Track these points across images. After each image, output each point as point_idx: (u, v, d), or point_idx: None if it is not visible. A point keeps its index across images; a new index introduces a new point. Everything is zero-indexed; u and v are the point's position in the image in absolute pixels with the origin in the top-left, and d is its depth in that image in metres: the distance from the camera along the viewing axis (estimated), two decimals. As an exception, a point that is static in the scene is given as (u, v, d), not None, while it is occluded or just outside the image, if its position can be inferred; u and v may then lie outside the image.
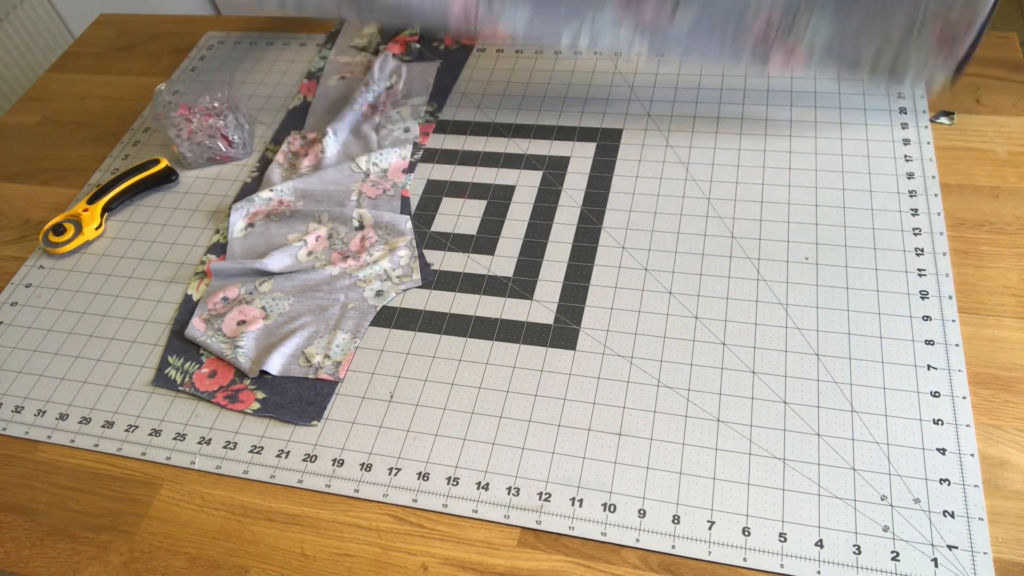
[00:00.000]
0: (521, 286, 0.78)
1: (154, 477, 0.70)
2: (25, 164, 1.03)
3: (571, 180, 0.88)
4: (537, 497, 0.64)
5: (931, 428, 0.63)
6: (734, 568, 0.59)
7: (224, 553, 0.65)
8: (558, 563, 0.61)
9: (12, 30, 1.72)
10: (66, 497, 0.70)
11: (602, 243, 0.81)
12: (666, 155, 0.88)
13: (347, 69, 1.07)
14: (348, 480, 0.67)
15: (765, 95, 0.92)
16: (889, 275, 0.73)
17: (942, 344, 0.68)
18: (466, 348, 0.74)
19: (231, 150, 0.96)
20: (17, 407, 0.76)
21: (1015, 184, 0.79)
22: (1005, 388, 0.65)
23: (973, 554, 0.57)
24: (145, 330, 0.81)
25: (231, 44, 1.16)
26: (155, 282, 0.85)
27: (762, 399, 0.67)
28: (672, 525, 0.61)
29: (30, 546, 0.67)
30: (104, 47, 1.20)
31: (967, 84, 0.89)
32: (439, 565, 0.62)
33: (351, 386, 0.73)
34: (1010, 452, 0.62)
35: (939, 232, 0.76)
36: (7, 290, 0.87)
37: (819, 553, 0.58)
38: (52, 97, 1.13)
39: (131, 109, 1.08)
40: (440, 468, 0.67)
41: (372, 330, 0.77)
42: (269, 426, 0.71)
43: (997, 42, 0.94)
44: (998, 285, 0.72)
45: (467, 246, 0.83)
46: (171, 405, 0.74)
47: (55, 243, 0.89)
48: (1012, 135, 0.84)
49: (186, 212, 0.92)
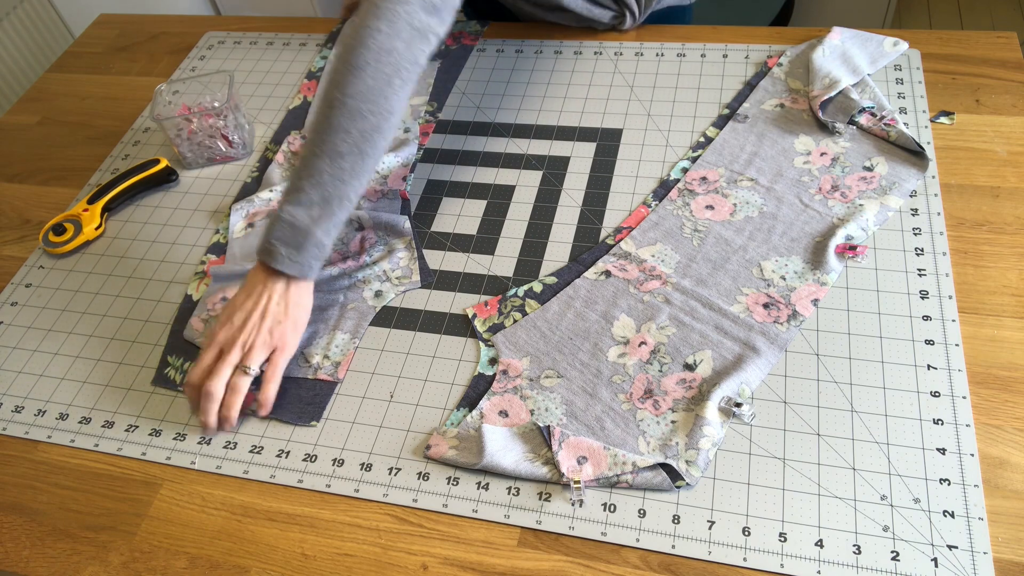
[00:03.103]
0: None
1: (154, 477, 0.70)
2: (25, 164, 1.03)
3: (571, 180, 0.88)
4: (537, 497, 0.64)
5: (931, 428, 0.63)
6: (734, 568, 0.59)
7: (224, 553, 0.65)
8: (558, 563, 0.61)
9: (12, 30, 1.72)
10: (66, 497, 0.70)
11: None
12: (666, 155, 0.88)
13: None
14: (348, 480, 0.67)
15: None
16: (889, 275, 0.73)
17: (942, 344, 0.68)
18: (466, 348, 0.74)
19: (231, 150, 0.96)
20: (17, 407, 0.76)
21: (1015, 184, 0.79)
22: (1005, 388, 0.65)
23: (973, 554, 0.57)
24: (145, 330, 0.81)
25: (231, 44, 1.16)
26: (155, 282, 0.85)
27: (762, 399, 0.67)
28: (672, 525, 0.61)
29: (30, 546, 0.67)
30: (104, 47, 1.20)
31: (967, 84, 0.89)
32: (439, 565, 0.62)
33: (351, 386, 0.73)
34: (1010, 452, 0.62)
35: (939, 232, 0.76)
36: (7, 290, 0.87)
37: (819, 553, 0.58)
38: (52, 97, 1.13)
39: (131, 109, 1.08)
40: (440, 468, 0.67)
41: (372, 330, 0.77)
42: (269, 426, 0.71)
43: (997, 42, 0.94)
44: (998, 285, 0.72)
45: (467, 246, 0.83)
46: (171, 405, 0.74)
47: (55, 243, 0.89)
48: (1012, 135, 0.84)
49: (186, 212, 0.92)
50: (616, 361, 0.70)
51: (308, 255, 0.71)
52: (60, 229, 0.89)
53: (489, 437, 0.65)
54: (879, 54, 0.93)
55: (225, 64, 1.12)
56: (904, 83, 0.90)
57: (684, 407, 0.66)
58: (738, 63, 0.97)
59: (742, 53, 0.98)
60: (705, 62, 0.98)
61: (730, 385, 0.66)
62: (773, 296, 0.73)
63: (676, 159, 0.87)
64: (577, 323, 0.73)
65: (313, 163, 0.70)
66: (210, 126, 0.94)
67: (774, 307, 0.72)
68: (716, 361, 0.69)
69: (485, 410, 0.68)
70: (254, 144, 0.99)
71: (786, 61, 0.95)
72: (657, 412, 0.66)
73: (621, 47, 1.02)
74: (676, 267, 0.76)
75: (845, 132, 0.85)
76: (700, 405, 0.66)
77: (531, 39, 1.06)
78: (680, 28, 1.04)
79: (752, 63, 0.96)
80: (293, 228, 0.70)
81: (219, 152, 0.96)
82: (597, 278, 0.77)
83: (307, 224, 0.70)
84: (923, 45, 0.94)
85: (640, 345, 0.71)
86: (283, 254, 0.70)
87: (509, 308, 0.76)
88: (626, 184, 0.86)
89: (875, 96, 0.87)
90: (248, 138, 0.98)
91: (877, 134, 0.84)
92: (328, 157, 0.69)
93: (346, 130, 0.69)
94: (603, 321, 0.73)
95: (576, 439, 0.65)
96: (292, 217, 0.70)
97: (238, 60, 1.12)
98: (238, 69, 1.11)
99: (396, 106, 0.71)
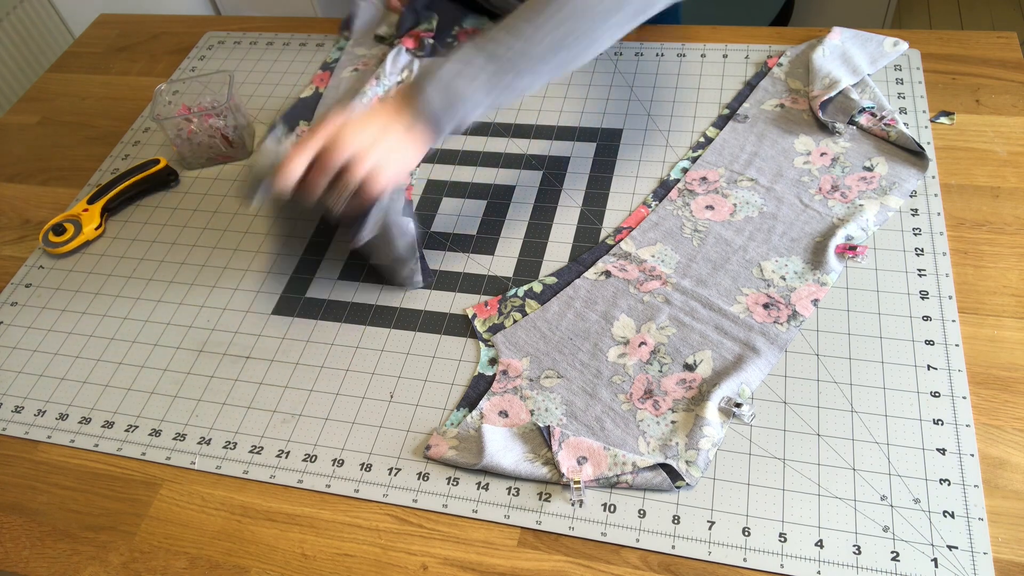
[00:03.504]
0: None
1: (154, 477, 0.70)
2: (25, 164, 1.03)
3: (571, 180, 0.88)
4: (537, 497, 0.64)
5: (931, 428, 0.63)
6: (734, 568, 0.59)
7: (224, 553, 0.65)
8: (558, 563, 0.61)
9: (12, 30, 1.72)
10: (66, 497, 0.70)
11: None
12: (666, 155, 0.88)
13: (362, 61, 1.06)
14: (348, 480, 0.67)
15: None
16: (889, 275, 0.73)
17: (942, 344, 0.68)
18: (466, 348, 0.74)
19: (231, 150, 0.96)
20: (17, 407, 0.76)
21: (1015, 184, 0.79)
22: (1005, 388, 0.65)
23: (973, 554, 0.57)
24: (145, 330, 0.81)
25: (231, 44, 1.16)
26: (155, 282, 0.85)
27: (762, 399, 0.67)
28: (672, 525, 0.61)
29: (30, 546, 0.67)
30: (104, 47, 1.20)
31: (967, 84, 0.89)
32: (439, 565, 0.62)
33: (351, 386, 0.73)
34: (1010, 452, 0.62)
35: (939, 232, 0.76)
36: (7, 290, 0.87)
37: (819, 553, 0.58)
38: (52, 97, 1.13)
39: (131, 109, 1.08)
40: (440, 468, 0.67)
41: (372, 330, 0.77)
42: (269, 426, 0.71)
43: (997, 42, 0.93)
44: (998, 285, 0.72)
45: (467, 246, 0.83)
46: (171, 405, 0.74)
47: (55, 243, 0.89)
48: (1012, 135, 0.84)
49: (186, 212, 0.92)
50: (616, 361, 0.70)
51: (451, 113, 0.67)
52: (60, 229, 0.89)
53: (489, 437, 0.65)
54: (879, 54, 0.93)
55: (225, 64, 1.12)
56: (904, 83, 0.90)
57: (684, 407, 0.66)
58: (738, 63, 0.97)
59: (742, 53, 0.98)
60: (705, 62, 0.98)
61: (730, 385, 0.66)
62: (773, 296, 0.73)
63: (676, 159, 0.87)
64: (577, 323, 0.73)
65: (497, 37, 0.67)
66: (210, 126, 0.94)
67: (774, 307, 0.72)
68: (716, 361, 0.69)
69: (485, 410, 0.68)
70: (254, 144, 0.99)
71: (786, 61, 0.95)
72: (657, 412, 0.66)
73: (621, 47, 1.02)
74: (676, 267, 0.76)
75: (845, 132, 0.85)
76: (700, 405, 0.66)
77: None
78: (680, 28, 1.04)
79: (752, 63, 0.96)
80: (447, 86, 0.66)
81: (219, 152, 0.96)
82: (597, 278, 0.77)
83: (463, 88, 0.66)
84: (923, 45, 0.94)
85: (640, 345, 0.71)
86: (429, 96, 0.66)
87: (509, 308, 0.76)
88: (626, 184, 0.86)
89: (875, 96, 0.87)
90: (248, 138, 0.98)
91: (877, 134, 0.84)
92: (514, 37, 0.66)
93: (542, 26, 0.66)
94: (603, 321, 0.73)
95: (576, 439, 0.65)
96: (451, 74, 0.66)
97: (238, 60, 1.12)
98: (238, 69, 1.11)
99: (602, 39, 0.69)
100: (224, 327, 0.80)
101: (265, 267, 0.85)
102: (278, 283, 0.83)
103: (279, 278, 0.83)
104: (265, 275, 0.84)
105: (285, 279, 0.83)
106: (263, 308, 0.81)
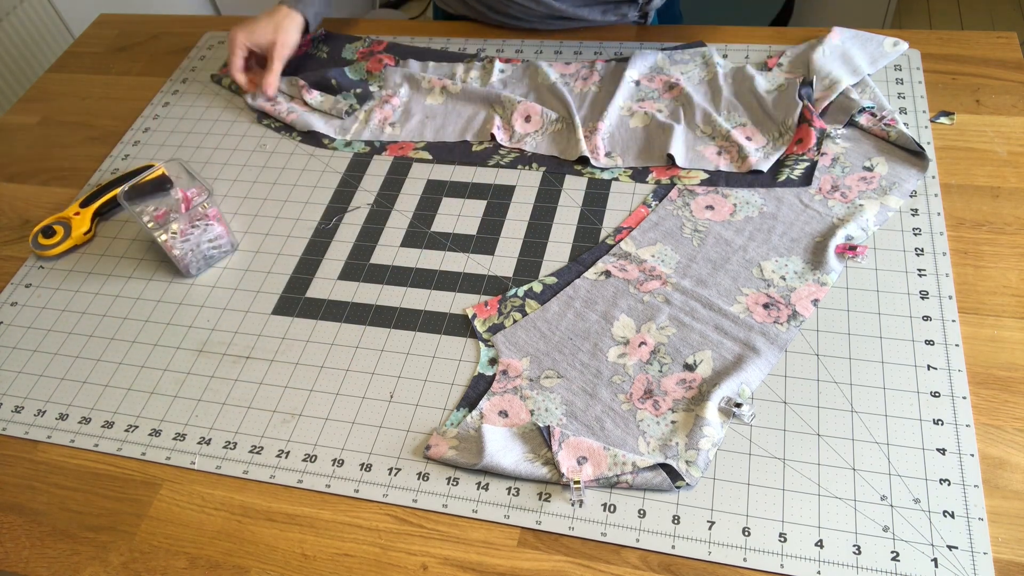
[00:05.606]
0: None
1: (154, 477, 0.70)
2: (25, 164, 1.03)
3: (571, 180, 0.88)
4: (537, 497, 0.64)
5: (931, 428, 0.63)
6: (734, 568, 0.59)
7: (224, 553, 0.65)
8: (558, 563, 0.61)
9: (12, 30, 1.72)
10: (66, 497, 0.70)
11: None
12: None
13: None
14: (348, 480, 0.67)
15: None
16: (889, 275, 0.73)
17: (942, 344, 0.68)
18: (466, 348, 0.74)
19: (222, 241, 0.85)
20: (17, 407, 0.76)
21: (1015, 184, 0.79)
22: (1005, 388, 0.65)
23: (973, 554, 0.57)
24: (145, 330, 0.81)
25: (231, 44, 1.15)
26: (155, 282, 0.85)
27: (762, 399, 0.67)
28: (672, 525, 0.61)
29: (30, 546, 0.67)
30: (104, 47, 1.20)
31: (967, 84, 0.89)
32: (439, 565, 0.62)
33: (351, 386, 0.73)
34: (1010, 452, 0.62)
35: (939, 232, 0.76)
36: (7, 290, 0.87)
37: (819, 553, 0.58)
38: (52, 97, 1.13)
39: (131, 109, 1.08)
40: (440, 468, 0.67)
41: (372, 330, 0.77)
42: (269, 426, 0.71)
43: (997, 42, 0.93)
44: (998, 285, 0.72)
45: (467, 246, 0.83)
46: (171, 405, 0.74)
47: (44, 245, 0.89)
48: (1012, 135, 0.84)
49: (186, 212, 0.92)
50: (616, 361, 0.70)
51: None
52: (50, 232, 0.89)
53: (489, 437, 0.65)
54: (879, 54, 0.93)
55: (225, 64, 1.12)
56: (904, 83, 0.90)
57: (684, 407, 0.66)
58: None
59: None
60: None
61: (730, 385, 0.66)
62: (773, 296, 0.73)
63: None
64: (577, 323, 0.73)
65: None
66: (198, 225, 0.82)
67: (774, 307, 0.72)
68: (716, 361, 0.69)
69: (485, 410, 0.68)
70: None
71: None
72: (657, 412, 0.66)
73: (621, 47, 1.02)
74: (676, 267, 0.76)
75: (838, 137, 0.85)
76: (700, 405, 0.66)
77: (531, 39, 1.06)
78: (680, 28, 1.04)
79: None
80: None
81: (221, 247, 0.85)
82: (597, 278, 0.77)
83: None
84: (923, 45, 0.94)
85: (640, 345, 0.71)
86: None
87: (509, 308, 0.76)
88: (626, 184, 0.86)
89: (875, 96, 0.87)
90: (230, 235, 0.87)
91: (877, 134, 0.84)
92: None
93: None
94: (603, 321, 0.73)
95: (576, 439, 0.65)
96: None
97: (238, 60, 1.12)
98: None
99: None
100: (224, 327, 0.80)
101: (265, 267, 0.85)
102: (278, 283, 0.83)
103: (279, 278, 0.83)
104: (265, 275, 0.84)
105: (285, 279, 0.83)
106: (263, 308, 0.81)
